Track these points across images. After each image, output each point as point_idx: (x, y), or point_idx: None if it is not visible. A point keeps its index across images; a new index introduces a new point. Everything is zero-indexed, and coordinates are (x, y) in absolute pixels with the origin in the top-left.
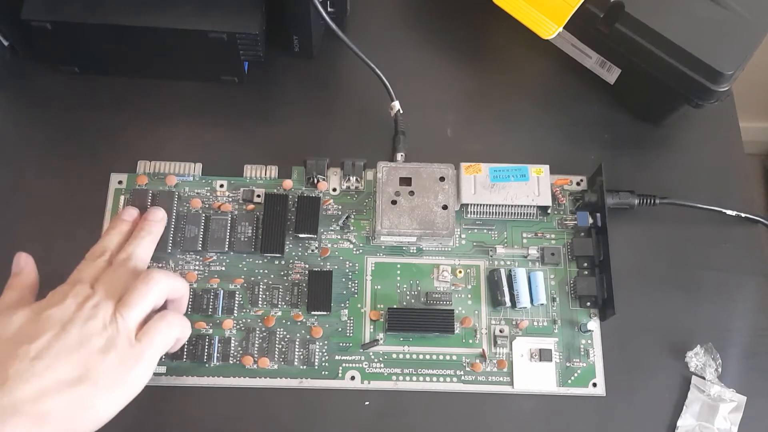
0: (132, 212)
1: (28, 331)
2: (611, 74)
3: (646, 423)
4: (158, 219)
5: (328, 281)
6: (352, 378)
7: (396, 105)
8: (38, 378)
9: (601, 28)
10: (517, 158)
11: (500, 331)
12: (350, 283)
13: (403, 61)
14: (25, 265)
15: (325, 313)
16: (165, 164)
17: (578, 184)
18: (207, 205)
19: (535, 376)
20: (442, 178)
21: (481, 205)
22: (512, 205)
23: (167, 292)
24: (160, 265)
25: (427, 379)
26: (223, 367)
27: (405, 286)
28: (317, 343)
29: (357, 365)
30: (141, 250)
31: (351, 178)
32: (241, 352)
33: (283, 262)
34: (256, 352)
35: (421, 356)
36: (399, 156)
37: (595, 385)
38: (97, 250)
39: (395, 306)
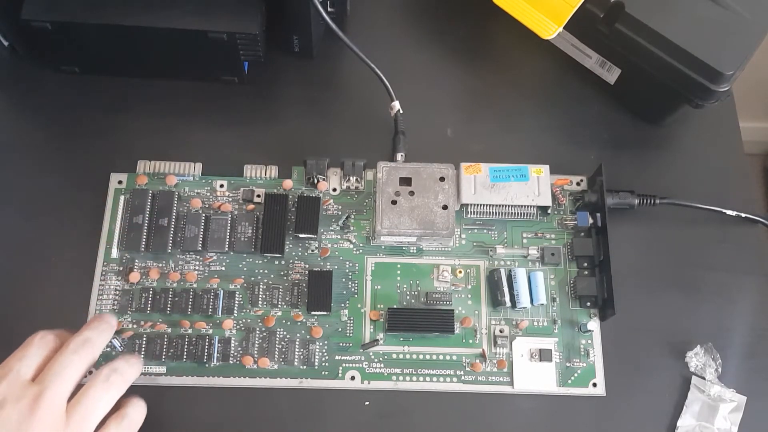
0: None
1: None
2: (611, 74)
3: (646, 423)
4: (112, 323)
5: (328, 281)
6: (352, 378)
7: (396, 105)
8: None
9: (601, 28)
10: (517, 158)
11: (500, 331)
12: (350, 283)
13: (403, 61)
14: None
15: (325, 313)
16: (165, 164)
17: (578, 184)
18: (207, 205)
19: (535, 376)
20: (442, 178)
21: (481, 205)
22: (512, 205)
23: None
24: (160, 265)
25: (427, 379)
26: (223, 367)
27: (405, 286)
28: (317, 343)
29: (357, 365)
30: (97, 338)
31: (351, 178)
32: (241, 352)
33: (283, 262)
34: (256, 352)
35: (421, 356)
36: (399, 156)
37: (595, 385)
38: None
39: (395, 306)
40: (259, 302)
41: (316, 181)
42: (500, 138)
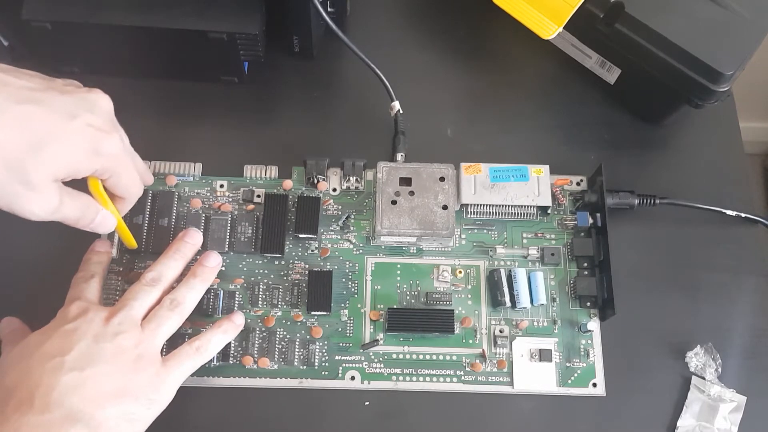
0: (197, 237)
1: (56, 345)
2: (611, 74)
3: (646, 423)
4: (214, 266)
5: (328, 281)
6: (352, 378)
7: (396, 105)
8: (82, 388)
9: (601, 28)
10: (517, 158)
11: (500, 331)
12: (350, 283)
13: (403, 61)
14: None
15: (325, 313)
16: (165, 164)
17: (578, 184)
18: (207, 205)
19: (535, 376)
20: (442, 178)
21: (481, 205)
22: (512, 205)
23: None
24: None
25: (427, 379)
26: (223, 367)
27: (405, 286)
28: (317, 343)
29: (357, 365)
30: (191, 298)
31: (351, 178)
32: (241, 352)
33: (283, 262)
34: (256, 352)
35: (421, 356)
36: (399, 156)
37: (595, 385)
38: (152, 276)
39: (395, 306)
40: (259, 302)
41: (316, 181)
42: (500, 138)
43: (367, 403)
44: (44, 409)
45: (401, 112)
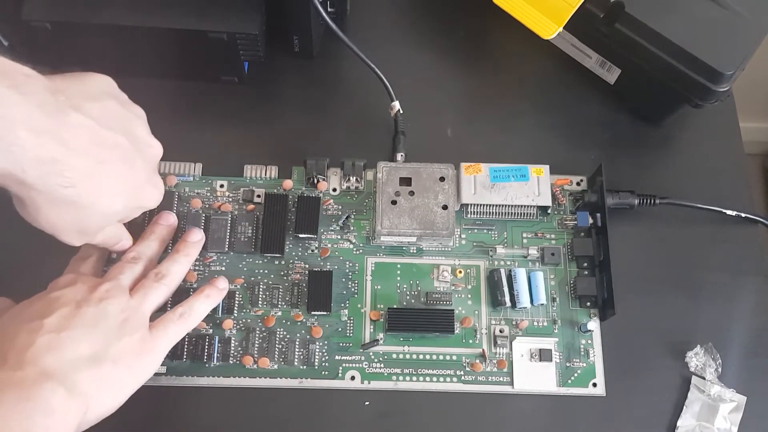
0: (171, 219)
1: (38, 310)
2: (611, 74)
3: (646, 423)
4: (196, 240)
5: (328, 281)
6: (352, 378)
7: (396, 105)
8: (59, 350)
9: (601, 28)
10: (517, 158)
11: (500, 331)
12: (350, 283)
13: (403, 61)
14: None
15: (325, 313)
16: (165, 164)
17: (578, 184)
18: (207, 205)
19: (535, 376)
20: (442, 178)
21: (481, 205)
22: (512, 205)
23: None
24: None
25: (427, 379)
26: (223, 367)
27: (405, 286)
28: (317, 343)
29: (357, 365)
30: (176, 270)
31: (351, 178)
32: (241, 352)
33: (283, 262)
34: (256, 352)
35: (421, 356)
36: (399, 156)
37: (595, 385)
38: (132, 255)
39: (395, 306)
40: (259, 302)
41: (316, 181)
42: (500, 138)
43: (367, 403)
44: (17, 366)
45: (401, 112)
